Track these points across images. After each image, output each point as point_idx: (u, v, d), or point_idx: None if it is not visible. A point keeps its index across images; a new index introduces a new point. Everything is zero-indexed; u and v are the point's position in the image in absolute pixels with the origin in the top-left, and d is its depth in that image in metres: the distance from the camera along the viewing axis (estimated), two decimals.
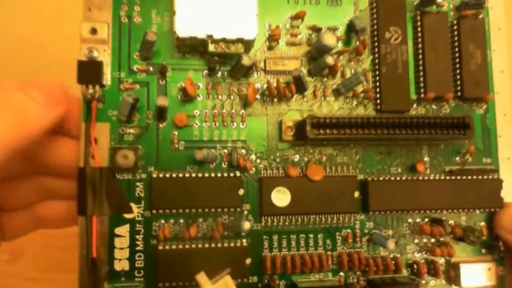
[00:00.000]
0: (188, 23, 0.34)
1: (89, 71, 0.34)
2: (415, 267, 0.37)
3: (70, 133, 0.34)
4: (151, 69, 0.36)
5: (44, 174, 0.35)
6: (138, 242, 0.34)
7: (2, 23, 0.53)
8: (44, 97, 0.31)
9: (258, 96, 0.37)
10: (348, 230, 0.37)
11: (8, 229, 0.36)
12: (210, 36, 0.34)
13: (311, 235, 0.37)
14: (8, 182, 0.34)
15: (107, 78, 0.35)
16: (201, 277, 0.30)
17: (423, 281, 0.37)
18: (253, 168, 0.36)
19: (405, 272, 0.37)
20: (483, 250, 0.39)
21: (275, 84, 0.36)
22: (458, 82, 0.39)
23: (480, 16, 0.40)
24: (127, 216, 0.34)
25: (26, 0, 0.54)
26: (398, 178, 0.37)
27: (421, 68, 0.38)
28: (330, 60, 0.35)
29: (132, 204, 0.34)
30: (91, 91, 0.34)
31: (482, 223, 0.39)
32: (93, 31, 0.34)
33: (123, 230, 0.34)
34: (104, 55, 0.35)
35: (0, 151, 0.28)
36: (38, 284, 0.48)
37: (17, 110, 0.29)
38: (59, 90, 0.33)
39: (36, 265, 0.48)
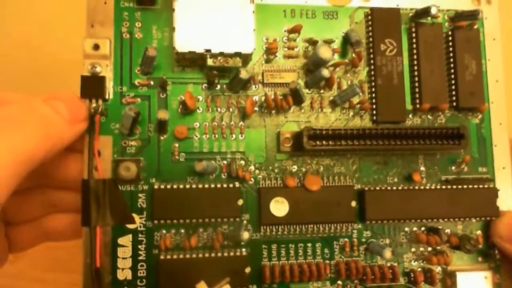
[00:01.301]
0: (187, 38, 0.35)
1: (92, 85, 0.35)
2: (412, 275, 0.38)
3: (77, 147, 0.35)
4: (152, 83, 0.37)
5: (51, 187, 0.36)
6: (140, 252, 0.35)
7: (2, 23, 0.53)
8: (69, 111, 0.31)
9: (256, 108, 0.38)
10: (346, 239, 0.38)
11: (16, 242, 0.37)
12: (208, 51, 0.35)
13: (309, 244, 0.37)
14: (16, 195, 0.35)
15: (110, 92, 0.36)
16: (201, 286, 0.31)
17: None
18: (252, 179, 0.37)
19: (402, 281, 0.38)
20: (480, 259, 0.39)
21: (272, 97, 0.37)
22: (454, 93, 0.39)
23: (475, 27, 0.40)
24: (130, 226, 0.35)
25: (26, 1, 0.54)
26: (394, 188, 0.38)
27: (416, 79, 0.39)
28: (325, 73, 0.36)
29: (134, 215, 0.35)
30: (94, 105, 0.35)
31: (478, 232, 0.39)
32: (96, 47, 0.36)
33: (125, 240, 0.35)
34: (107, 70, 0.36)
35: (27, 164, 0.28)
36: (39, 284, 0.48)
37: (43, 122, 0.30)
38: (83, 105, 0.33)
39: (38, 265, 0.49)
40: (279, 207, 0.36)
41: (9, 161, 0.27)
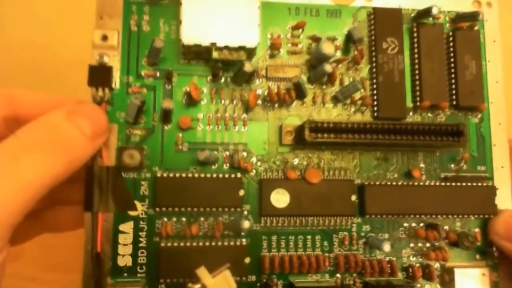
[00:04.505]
0: (193, 32, 0.36)
1: (99, 75, 0.36)
2: (410, 270, 0.38)
3: None
4: (158, 74, 0.37)
5: None
6: (141, 239, 0.36)
7: (3, 22, 0.54)
8: (91, 128, 0.31)
9: (259, 102, 0.38)
10: (345, 233, 0.38)
11: (16, 234, 0.37)
12: (213, 44, 0.36)
13: (309, 237, 0.38)
14: None
15: (116, 82, 0.37)
16: (202, 271, 0.31)
17: (418, 285, 0.38)
18: (254, 170, 0.38)
19: (400, 276, 0.38)
20: (478, 256, 0.39)
21: (276, 90, 0.38)
22: (454, 92, 0.40)
23: (475, 28, 0.41)
24: (131, 213, 0.36)
25: (27, 0, 0.54)
26: (394, 183, 0.38)
27: (417, 77, 0.40)
28: (328, 67, 0.37)
29: (136, 202, 0.36)
30: (100, 93, 0.36)
31: (477, 230, 0.39)
32: (104, 38, 0.36)
33: (127, 227, 0.36)
34: (114, 61, 0.36)
35: (47, 186, 0.29)
36: (38, 284, 0.48)
37: (67, 146, 0.30)
38: (104, 118, 0.34)
39: (36, 265, 0.49)
40: (279, 199, 0.37)
41: (32, 188, 0.28)
